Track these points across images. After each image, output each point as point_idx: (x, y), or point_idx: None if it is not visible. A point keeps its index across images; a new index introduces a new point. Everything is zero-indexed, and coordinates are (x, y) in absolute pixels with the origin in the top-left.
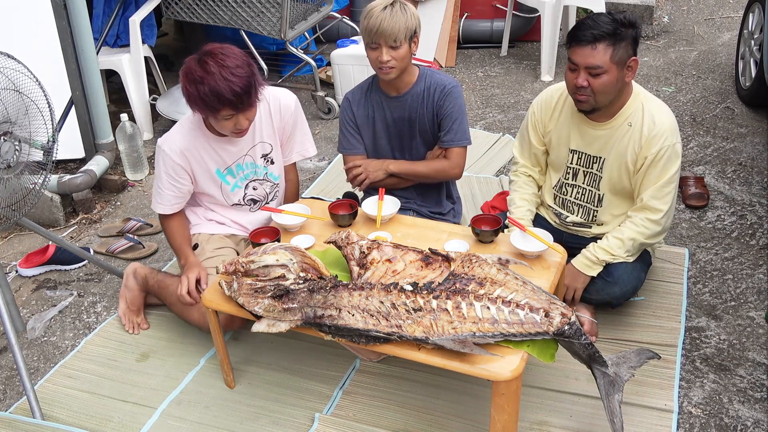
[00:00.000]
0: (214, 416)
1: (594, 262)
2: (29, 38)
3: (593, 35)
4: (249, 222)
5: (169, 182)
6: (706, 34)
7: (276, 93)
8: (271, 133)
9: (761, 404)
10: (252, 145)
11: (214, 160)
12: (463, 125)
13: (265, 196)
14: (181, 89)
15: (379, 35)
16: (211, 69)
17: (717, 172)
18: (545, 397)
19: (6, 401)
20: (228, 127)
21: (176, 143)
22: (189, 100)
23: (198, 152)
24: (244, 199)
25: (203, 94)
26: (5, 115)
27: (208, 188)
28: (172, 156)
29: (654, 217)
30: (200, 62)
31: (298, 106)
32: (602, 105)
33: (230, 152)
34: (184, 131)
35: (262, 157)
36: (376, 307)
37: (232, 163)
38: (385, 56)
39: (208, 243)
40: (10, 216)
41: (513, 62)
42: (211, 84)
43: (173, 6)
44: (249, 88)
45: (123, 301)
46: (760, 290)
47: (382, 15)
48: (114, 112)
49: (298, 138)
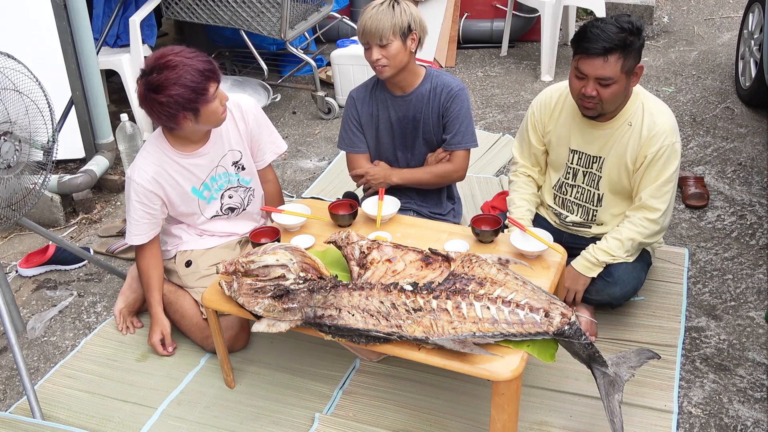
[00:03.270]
0: (214, 416)
1: (594, 263)
2: (29, 38)
3: (604, 48)
4: (237, 230)
5: (143, 210)
6: (706, 34)
7: (236, 101)
8: (239, 140)
9: (761, 404)
10: (222, 154)
11: (188, 179)
12: (470, 128)
13: (241, 202)
14: (152, 112)
15: (365, 35)
16: (176, 62)
17: (717, 172)
18: (545, 397)
19: (6, 401)
20: (219, 108)
21: (146, 171)
22: (174, 109)
23: (170, 176)
24: (222, 209)
25: (190, 82)
26: (5, 115)
27: (186, 208)
28: (144, 184)
29: (652, 216)
30: (161, 69)
31: (258, 108)
32: (608, 111)
33: (202, 167)
34: (151, 158)
35: (233, 164)
36: (376, 307)
37: (206, 177)
38: (374, 55)
39: (201, 259)
40: (10, 216)
41: (513, 62)
42: (188, 71)
43: (173, 6)
44: (209, 56)
45: (122, 299)
46: (760, 290)
47: (369, 14)
48: (114, 112)
49: (266, 138)
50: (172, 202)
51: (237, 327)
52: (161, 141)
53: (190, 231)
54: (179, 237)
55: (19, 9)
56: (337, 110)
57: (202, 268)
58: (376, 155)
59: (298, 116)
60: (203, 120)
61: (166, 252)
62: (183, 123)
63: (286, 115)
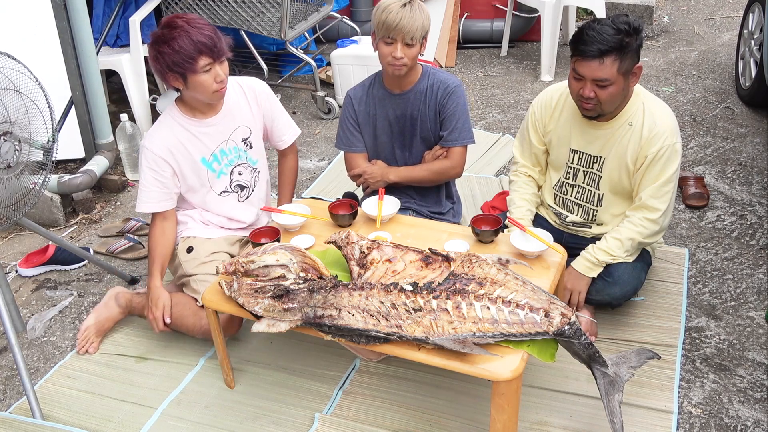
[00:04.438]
0: (214, 416)
1: (594, 263)
2: (29, 38)
3: (600, 50)
4: (243, 217)
5: (153, 177)
6: (706, 34)
7: (248, 81)
8: (249, 118)
9: (761, 404)
10: (233, 128)
11: (198, 148)
12: (466, 124)
13: (249, 181)
14: (152, 61)
15: (397, 31)
16: (179, 24)
17: (717, 172)
18: (545, 397)
19: (6, 401)
20: (209, 82)
21: (159, 140)
22: (163, 66)
23: (182, 145)
24: (231, 185)
25: (179, 47)
26: (5, 115)
27: (195, 181)
28: (155, 150)
29: (652, 216)
30: (166, 27)
31: (270, 91)
32: (608, 112)
33: (211, 137)
34: (163, 127)
35: (243, 141)
36: (376, 307)
37: (215, 148)
38: (399, 53)
39: (202, 246)
40: (10, 216)
41: (513, 62)
42: (183, 36)
43: (173, 6)
44: (217, 33)
45: (94, 316)
46: (760, 290)
47: (402, 12)
48: (114, 112)
49: (284, 120)
50: (183, 173)
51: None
52: (173, 109)
53: (196, 218)
54: (185, 223)
55: (19, 9)
56: (337, 110)
57: (203, 254)
58: (375, 154)
59: (298, 116)
60: (192, 88)
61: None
62: (174, 83)
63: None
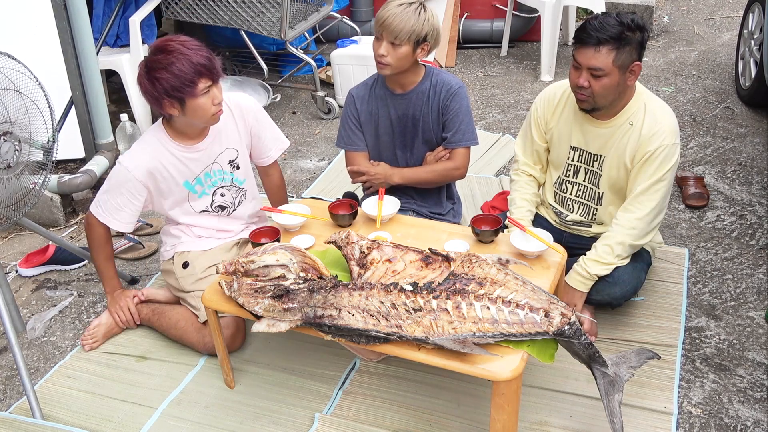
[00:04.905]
0: (214, 416)
1: (586, 277)
2: (29, 38)
3: (597, 38)
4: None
5: (128, 200)
6: (706, 34)
7: (235, 99)
8: (237, 139)
9: (761, 404)
10: (220, 151)
11: (181, 172)
12: (470, 125)
13: (232, 201)
14: (146, 90)
15: (383, 27)
16: (175, 48)
17: (717, 172)
18: (545, 397)
19: (6, 401)
20: (207, 105)
21: (142, 163)
22: (160, 92)
23: (165, 169)
24: (212, 206)
25: (179, 71)
26: (5, 115)
27: (172, 200)
28: (137, 175)
29: (640, 214)
30: (161, 52)
31: (258, 106)
32: (602, 106)
33: (197, 162)
34: (148, 149)
35: (229, 163)
36: (376, 307)
37: (200, 173)
38: (382, 50)
39: (198, 261)
40: (10, 216)
41: (513, 62)
42: (182, 60)
43: (173, 6)
44: (212, 53)
45: (107, 317)
46: (760, 290)
47: (395, 10)
48: (114, 112)
49: (269, 135)
50: (162, 193)
51: (233, 327)
52: (159, 131)
53: (188, 232)
54: (177, 237)
55: (19, 9)
56: (337, 110)
57: (199, 270)
58: (376, 154)
59: (298, 116)
60: (190, 113)
61: (165, 253)
62: (169, 110)
63: (286, 115)
